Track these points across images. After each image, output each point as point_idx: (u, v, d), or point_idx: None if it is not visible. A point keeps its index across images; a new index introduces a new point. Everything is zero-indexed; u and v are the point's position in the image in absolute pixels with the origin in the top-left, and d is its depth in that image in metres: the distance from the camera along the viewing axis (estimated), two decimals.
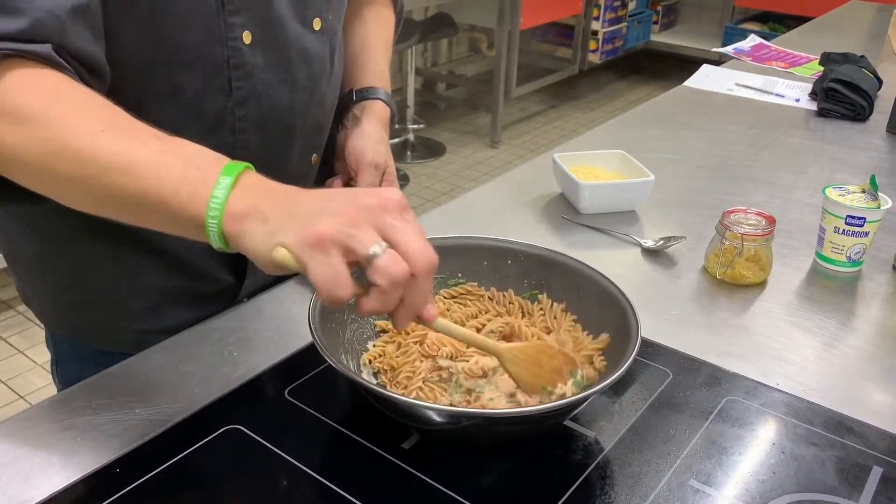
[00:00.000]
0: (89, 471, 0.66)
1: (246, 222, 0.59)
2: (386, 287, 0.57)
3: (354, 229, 0.57)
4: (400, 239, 0.57)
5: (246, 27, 0.79)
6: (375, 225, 0.57)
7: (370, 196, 0.59)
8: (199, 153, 0.63)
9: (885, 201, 1.00)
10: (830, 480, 0.68)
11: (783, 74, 1.87)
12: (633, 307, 0.74)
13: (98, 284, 0.88)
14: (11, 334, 2.51)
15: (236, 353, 0.82)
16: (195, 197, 0.60)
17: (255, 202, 0.59)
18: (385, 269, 0.56)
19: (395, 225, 0.58)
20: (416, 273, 0.58)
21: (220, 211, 0.59)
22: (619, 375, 0.65)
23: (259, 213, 0.59)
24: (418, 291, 0.59)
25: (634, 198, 1.16)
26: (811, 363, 0.84)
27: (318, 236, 0.56)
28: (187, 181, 0.60)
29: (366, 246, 0.56)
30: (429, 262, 0.58)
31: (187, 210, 0.60)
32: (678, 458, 0.69)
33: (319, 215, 0.57)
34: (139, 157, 0.61)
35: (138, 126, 0.64)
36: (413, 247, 0.57)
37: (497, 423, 0.65)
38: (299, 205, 0.59)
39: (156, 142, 0.63)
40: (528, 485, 0.67)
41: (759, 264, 0.98)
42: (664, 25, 5.15)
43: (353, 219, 0.57)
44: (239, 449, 0.69)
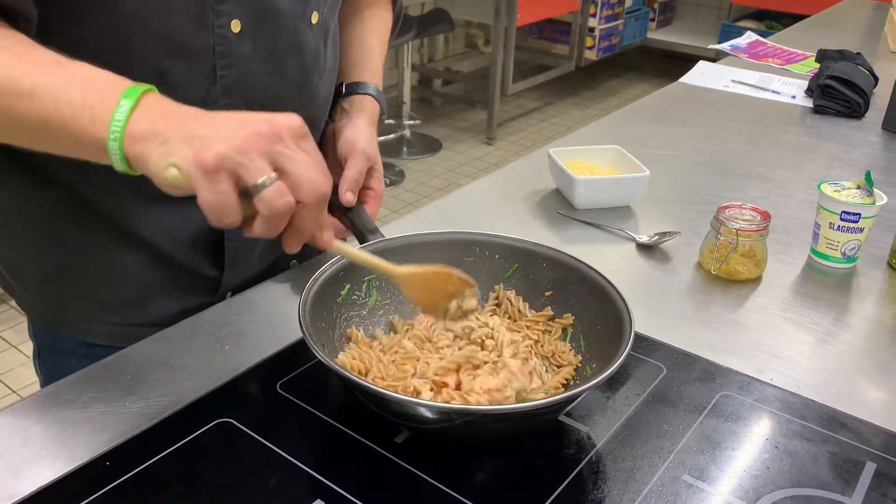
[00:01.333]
0: (79, 464, 0.66)
1: (146, 143, 0.60)
2: (269, 217, 0.59)
3: (244, 157, 0.57)
4: (290, 168, 0.58)
5: (235, 16, 0.77)
6: (267, 153, 0.58)
7: (266, 122, 0.59)
8: (99, 76, 0.63)
9: (880, 197, 1.00)
10: (824, 476, 0.68)
11: (779, 71, 1.87)
12: (626, 302, 0.73)
13: (80, 276, 0.87)
14: (3, 329, 2.50)
15: (228, 347, 0.81)
16: (96, 120, 0.61)
17: (154, 124, 0.60)
18: (269, 200, 0.58)
19: (287, 154, 0.59)
20: (304, 202, 0.59)
21: (120, 133, 0.60)
22: (613, 370, 0.65)
23: (158, 134, 0.60)
24: (307, 219, 0.61)
25: (629, 193, 1.16)
26: (805, 359, 0.84)
27: (208, 162, 0.57)
28: (88, 105, 0.61)
29: (253, 176, 0.58)
30: (317, 192, 0.59)
31: (89, 133, 0.61)
32: (671, 453, 0.69)
33: (213, 140, 0.58)
34: (39, 81, 0.62)
35: (39, 51, 0.64)
36: (303, 177, 0.59)
37: (489, 419, 0.65)
38: (196, 126, 0.60)
39: (55, 66, 0.63)
40: (521, 479, 0.66)
41: (754, 260, 0.98)
42: (661, 23, 5.14)
43: (244, 145, 0.57)
44: (230, 443, 0.69)
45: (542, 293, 0.83)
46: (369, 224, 0.87)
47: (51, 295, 0.90)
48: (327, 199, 0.61)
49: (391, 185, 3.60)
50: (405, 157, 3.93)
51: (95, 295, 0.88)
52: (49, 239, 0.86)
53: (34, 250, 0.87)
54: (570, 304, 0.81)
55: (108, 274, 0.87)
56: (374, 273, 0.75)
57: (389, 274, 0.72)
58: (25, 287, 0.92)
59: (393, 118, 4.04)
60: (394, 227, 1.05)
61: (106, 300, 0.88)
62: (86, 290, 0.88)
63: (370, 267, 0.73)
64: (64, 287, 0.89)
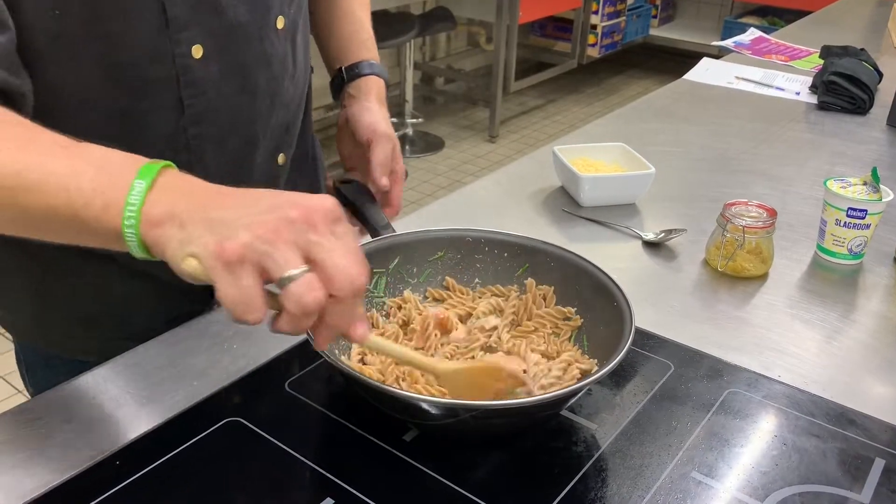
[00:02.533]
0: (89, 464, 0.66)
1: (164, 228, 0.54)
2: (296, 313, 0.52)
3: (271, 247, 0.51)
4: (323, 258, 0.52)
5: (196, 41, 0.74)
6: (297, 242, 0.52)
7: (296, 207, 0.53)
8: (110, 156, 0.57)
9: (886, 193, 0.99)
10: (832, 472, 0.68)
11: (783, 68, 1.86)
12: (626, 297, 0.73)
13: (59, 293, 0.85)
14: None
15: (236, 346, 0.81)
16: (109, 206, 0.55)
17: (173, 205, 0.54)
18: (298, 295, 0.51)
19: (320, 243, 0.53)
20: (338, 296, 0.53)
21: (136, 219, 0.54)
22: (614, 365, 0.65)
23: (176, 217, 0.54)
24: (340, 314, 0.55)
25: (635, 190, 1.16)
26: (813, 355, 0.84)
27: (230, 253, 0.51)
28: (99, 190, 0.55)
29: (281, 268, 0.51)
30: (352, 285, 0.53)
31: (102, 222, 0.55)
32: (680, 451, 0.69)
33: (236, 226, 0.52)
34: (45, 170, 0.56)
35: (44, 136, 0.59)
36: (337, 268, 0.52)
37: (494, 414, 0.65)
38: (218, 209, 0.54)
39: (62, 152, 0.58)
40: (529, 477, 0.66)
41: (761, 257, 0.98)
42: (663, 20, 5.14)
43: (270, 234, 0.51)
44: (239, 441, 0.69)
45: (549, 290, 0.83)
46: (382, 220, 0.88)
47: (32, 314, 0.88)
48: (363, 293, 0.55)
49: None
50: (408, 156, 3.93)
51: (77, 311, 0.86)
52: (28, 258, 0.83)
53: (14, 269, 0.84)
54: (576, 304, 0.81)
55: (89, 289, 0.84)
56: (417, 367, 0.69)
57: (432, 370, 0.67)
58: (7, 307, 0.89)
59: (395, 117, 4.04)
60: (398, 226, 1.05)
61: (88, 315, 0.86)
62: (66, 306, 0.86)
63: (413, 365, 0.67)
64: (44, 305, 0.86)
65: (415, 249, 0.84)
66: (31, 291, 0.86)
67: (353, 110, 0.95)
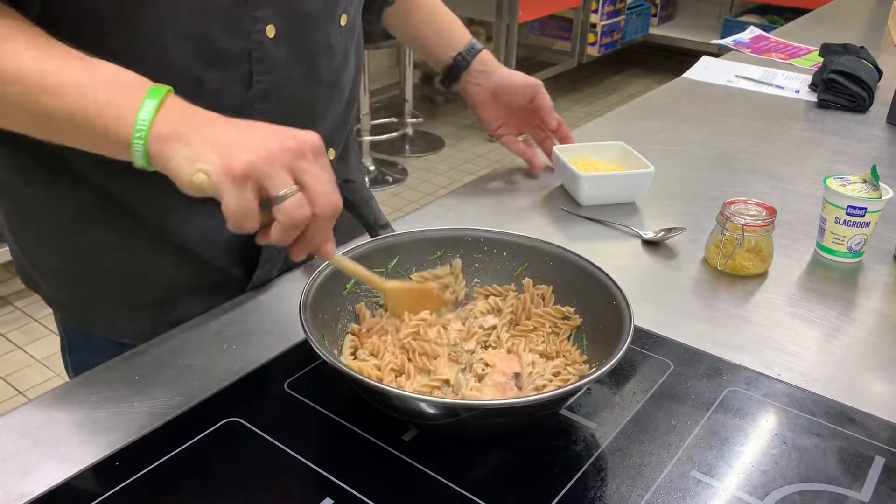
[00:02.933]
0: (88, 464, 0.66)
1: (169, 143, 0.62)
2: (287, 225, 0.62)
3: (271, 168, 0.61)
4: (310, 182, 0.63)
5: (270, 21, 0.78)
6: (290, 166, 0.62)
7: (290, 138, 0.63)
8: (122, 74, 0.65)
9: (886, 191, 0.99)
10: (832, 470, 0.68)
11: (783, 66, 1.86)
12: (625, 296, 0.73)
13: (108, 277, 0.88)
14: (10, 330, 2.50)
15: (235, 346, 0.81)
16: (122, 118, 0.63)
17: (178, 125, 0.63)
18: (289, 211, 0.62)
19: (308, 169, 0.63)
20: (319, 215, 0.63)
21: (146, 132, 0.62)
22: (613, 364, 0.65)
23: (181, 135, 0.62)
24: (318, 231, 0.65)
25: (634, 189, 1.16)
26: (812, 354, 0.84)
27: (237, 170, 0.60)
28: (114, 102, 0.63)
29: (277, 187, 0.61)
30: (331, 206, 0.64)
31: (113, 130, 0.63)
32: (679, 449, 0.69)
33: (240, 149, 0.61)
34: (65, 77, 0.64)
35: (60, 46, 0.66)
36: (320, 191, 0.63)
37: (492, 413, 0.65)
38: (222, 133, 0.63)
39: (79, 63, 0.65)
40: (529, 476, 0.66)
41: (760, 255, 0.98)
42: (663, 18, 5.14)
43: (271, 157, 0.61)
44: (238, 442, 0.69)
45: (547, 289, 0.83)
46: (381, 219, 0.88)
47: (79, 295, 0.91)
48: (338, 213, 0.65)
49: (394, 183, 3.60)
50: (408, 155, 3.93)
51: (124, 295, 0.89)
52: (76, 239, 0.86)
53: (61, 251, 0.88)
54: (575, 303, 0.81)
55: (137, 274, 0.88)
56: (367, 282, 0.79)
57: (377, 286, 0.78)
58: (53, 286, 0.92)
59: (395, 116, 4.04)
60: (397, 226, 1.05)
61: (134, 300, 0.89)
62: (114, 290, 0.89)
63: (361, 279, 0.78)
64: (92, 287, 0.89)
65: (414, 249, 0.84)
66: (78, 274, 0.89)
67: (496, 82, 1.13)
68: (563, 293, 0.82)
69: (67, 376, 0.98)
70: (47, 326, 2.52)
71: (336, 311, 0.78)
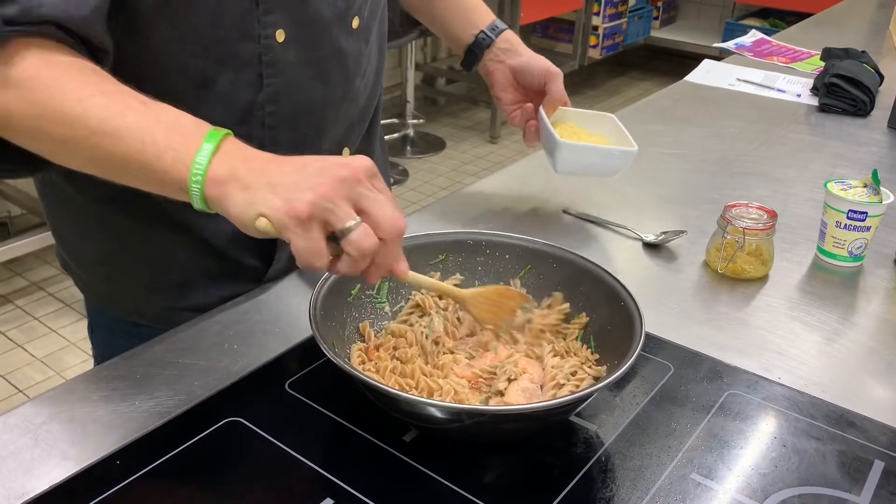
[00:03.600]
0: (89, 462, 0.66)
1: (226, 187, 0.64)
2: (357, 257, 0.63)
3: (332, 204, 0.62)
4: (371, 209, 0.63)
5: (280, 26, 0.80)
6: (349, 197, 0.62)
7: (343, 168, 0.63)
8: (181, 119, 0.67)
9: (886, 196, 0.99)
10: (832, 474, 0.68)
11: (784, 70, 1.86)
12: (636, 303, 0.73)
13: (130, 259, 0.91)
14: (10, 328, 2.51)
15: (237, 346, 0.81)
16: (178, 163, 0.64)
17: (235, 168, 0.64)
18: (357, 242, 0.62)
19: (367, 195, 0.63)
20: (386, 240, 0.64)
21: (202, 176, 0.63)
22: (624, 370, 0.65)
23: (238, 179, 0.64)
24: (387, 254, 0.65)
25: (614, 166, 1.09)
26: (812, 357, 0.84)
27: (301, 212, 0.61)
28: (171, 147, 0.64)
29: (342, 221, 0.62)
30: (397, 230, 0.64)
31: (171, 174, 0.64)
32: (679, 452, 0.69)
33: (298, 189, 0.62)
34: (125, 122, 0.65)
35: (124, 91, 0.67)
36: (383, 216, 0.63)
37: (501, 420, 0.65)
38: (277, 174, 0.63)
39: (141, 107, 0.66)
40: (529, 478, 0.66)
41: (761, 259, 0.98)
42: (664, 21, 5.14)
43: (330, 192, 0.62)
44: (239, 442, 0.69)
45: (551, 293, 0.83)
46: None
47: (102, 276, 0.94)
48: (404, 235, 0.65)
49: (395, 184, 3.60)
50: (409, 156, 3.93)
51: (143, 278, 0.92)
52: (103, 223, 0.90)
53: (89, 233, 0.91)
54: (581, 305, 0.81)
55: (157, 258, 0.91)
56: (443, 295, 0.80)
57: (458, 298, 0.77)
58: (81, 267, 0.96)
59: (396, 117, 4.04)
60: None
61: (153, 283, 0.92)
62: (135, 272, 0.92)
63: (442, 293, 0.78)
64: (114, 269, 0.92)
65: (416, 254, 0.83)
66: (104, 255, 0.92)
67: (514, 62, 1.09)
68: (568, 296, 0.82)
69: (91, 356, 1.04)
70: (47, 325, 2.52)
71: (343, 317, 0.78)
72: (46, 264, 2.79)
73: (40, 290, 2.68)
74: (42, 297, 2.65)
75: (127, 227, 0.89)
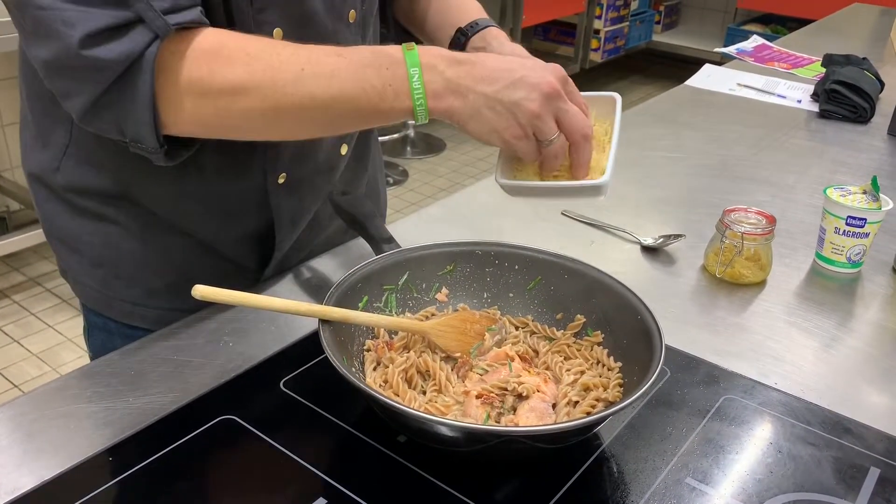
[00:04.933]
0: (82, 459, 0.66)
1: (445, 99, 0.71)
2: (551, 159, 0.75)
3: (541, 122, 0.72)
4: (567, 121, 0.73)
5: (276, 24, 0.79)
6: (553, 112, 0.72)
7: (548, 84, 0.71)
8: (377, 54, 0.72)
9: (886, 202, 0.99)
10: (827, 481, 0.68)
11: (785, 75, 1.86)
12: (653, 315, 0.72)
13: (127, 261, 0.90)
14: (6, 323, 2.50)
15: (232, 344, 0.81)
16: (399, 94, 0.71)
17: (446, 78, 0.71)
18: (554, 153, 0.74)
19: (567, 111, 0.73)
20: (576, 145, 0.75)
21: (423, 98, 0.71)
22: (645, 389, 0.63)
23: (453, 89, 0.71)
24: (578, 155, 0.76)
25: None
26: (809, 363, 0.84)
27: (517, 134, 0.72)
28: (387, 84, 0.71)
29: (546, 135, 0.73)
30: (585, 137, 0.74)
31: (397, 107, 0.71)
32: (675, 456, 0.69)
33: (516, 108, 0.71)
34: (341, 83, 0.71)
35: (316, 52, 0.72)
36: (574, 126, 0.73)
37: (521, 440, 0.63)
38: (489, 83, 0.71)
39: (341, 61, 0.71)
40: (524, 481, 0.66)
41: (759, 264, 0.98)
42: (666, 25, 5.14)
43: (540, 111, 0.71)
44: (233, 440, 0.69)
45: (563, 306, 0.81)
46: (384, 233, 0.86)
47: (99, 278, 0.93)
48: (591, 137, 0.75)
49: (395, 184, 3.60)
50: (409, 157, 3.93)
51: (141, 280, 0.91)
52: (102, 221, 0.88)
53: (84, 237, 0.90)
54: (594, 318, 0.79)
55: (154, 260, 0.90)
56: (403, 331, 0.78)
57: (419, 331, 0.77)
58: (77, 271, 0.94)
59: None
60: (398, 227, 1.05)
61: (150, 285, 0.91)
62: (132, 274, 0.91)
63: (401, 329, 0.78)
64: (111, 271, 0.91)
65: (423, 264, 0.82)
66: (103, 257, 0.91)
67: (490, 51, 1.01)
68: (580, 308, 0.80)
69: (89, 360, 1.01)
70: (44, 321, 2.51)
71: (351, 330, 0.75)
72: (44, 259, 2.78)
73: (37, 286, 2.68)
74: (39, 292, 2.65)
75: (121, 229, 0.88)
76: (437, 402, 0.70)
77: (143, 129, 0.70)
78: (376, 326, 0.77)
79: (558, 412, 0.70)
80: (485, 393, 0.70)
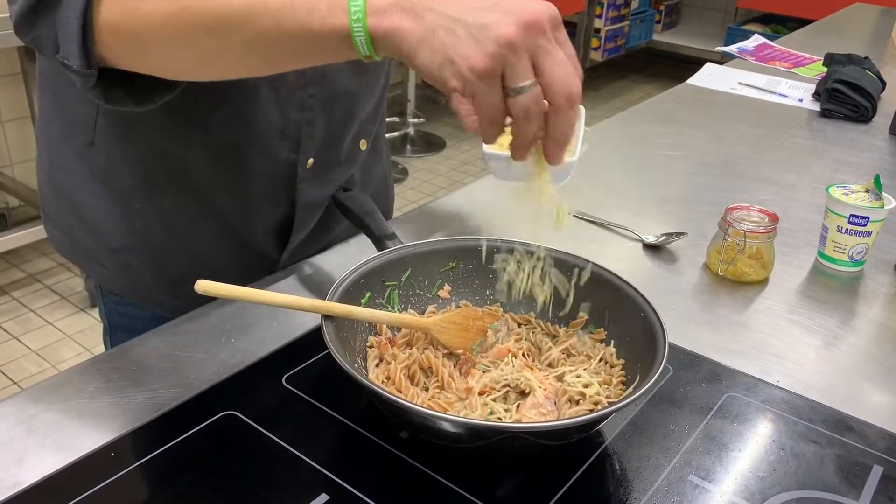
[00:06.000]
0: (83, 454, 0.65)
1: (391, 17, 0.56)
2: (522, 121, 0.56)
3: (512, 52, 0.54)
4: (548, 67, 0.55)
5: None
6: (530, 48, 0.54)
7: (530, 12, 0.54)
8: None
9: (888, 201, 0.99)
10: (830, 478, 0.67)
11: (786, 74, 1.86)
12: (656, 312, 0.72)
13: (154, 250, 0.91)
14: (6, 320, 2.50)
15: (234, 340, 0.81)
16: (334, 8, 0.57)
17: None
18: (524, 105, 0.55)
19: (549, 50, 0.55)
20: (555, 106, 0.56)
21: (362, 13, 0.56)
22: (648, 386, 0.63)
23: (404, 2, 0.56)
24: (556, 124, 0.57)
25: None
26: (811, 361, 0.84)
27: (484, 64, 0.54)
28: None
29: (517, 77, 0.54)
30: (568, 96, 0.56)
31: (329, 24, 0.57)
32: (678, 454, 0.69)
33: (483, 31, 0.54)
34: None
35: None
36: (558, 77, 0.55)
37: (524, 437, 0.63)
38: (455, 2, 0.55)
39: None
40: (526, 477, 0.66)
41: (761, 262, 0.98)
42: (666, 25, 5.14)
43: (515, 39, 0.53)
44: (235, 435, 0.69)
45: (566, 302, 0.80)
46: (386, 229, 0.86)
47: (125, 266, 0.93)
48: (576, 103, 0.57)
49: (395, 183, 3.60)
50: (409, 156, 3.93)
51: (168, 269, 0.92)
52: (129, 208, 0.89)
53: (113, 218, 0.90)
54: (597, 315, 0.79)
55: (182, 249, 0.91)
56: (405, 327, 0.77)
57: (422, 327, 0.75)
58: (101, 257, 0.94)
59: (397, 116, 4.04)
60: (397, 226, 1.05)
61: (177, 275, 0.92)
62: (160, 263, 0.92)
63: (403, 325, 0.76)
64: (137, 259, 0.92)
65: (426, 261, 0.82)
66: (129, 244, 0.92)
67: None
68: (584, 304, 0.80)
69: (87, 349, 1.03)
70: (43, 317, 2.51)
71: (353, 327, 0.75)
72: (44, 256, 2.78)
73: (37, 283, 2.67)
74: (38, 289, 2.64)
75: (146, 215, 0.89)
76: (440, 398, 0.70)
77: (70, 38, 0.64)
78: (379, 322, 0.77)
79: (560, 409, 0.70)
80: (487, 389, 0.70)
